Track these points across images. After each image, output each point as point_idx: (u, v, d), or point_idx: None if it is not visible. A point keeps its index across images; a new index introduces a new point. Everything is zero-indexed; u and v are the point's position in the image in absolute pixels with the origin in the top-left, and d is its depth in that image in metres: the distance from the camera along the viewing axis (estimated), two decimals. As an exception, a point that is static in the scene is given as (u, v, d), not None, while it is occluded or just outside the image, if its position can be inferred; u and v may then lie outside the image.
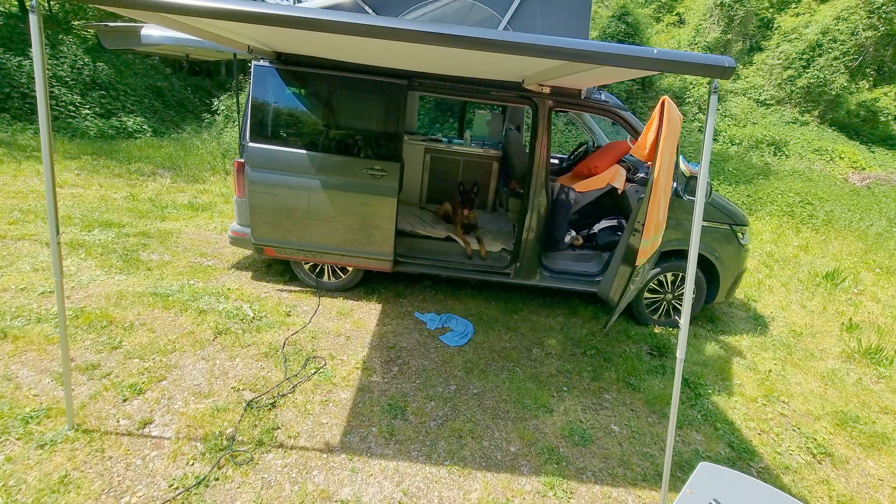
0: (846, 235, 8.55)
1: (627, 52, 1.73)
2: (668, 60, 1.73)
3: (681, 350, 2.10)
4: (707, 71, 1.73)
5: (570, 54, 1.71)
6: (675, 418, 2.23)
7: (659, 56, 1.72)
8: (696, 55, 1.73)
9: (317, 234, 3.91)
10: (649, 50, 1.72)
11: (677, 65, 1.74)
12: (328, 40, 2.77)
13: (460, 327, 3.89)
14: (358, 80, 3.67)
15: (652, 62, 1.73)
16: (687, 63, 1.73)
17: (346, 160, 3.77)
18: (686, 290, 2.06)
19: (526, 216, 4.01)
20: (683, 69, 1.75)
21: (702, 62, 1.72)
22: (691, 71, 1.76)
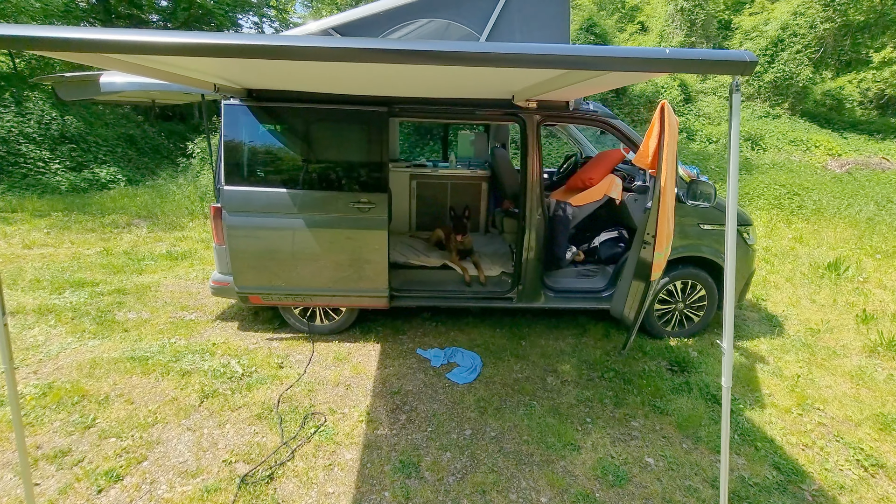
0: (837, 223, 8.53)
1: (637, 54, 1.55)
2: (683, 60, 1.55)
3: (726, 377, 1.87)
4: (726, 68, 1.56)
5: (575, 62, 1.52)
6: (728, 457, 1.98)
7: (672, 56, 1.54)
8: (712, 52, 1.56)
9: (305, 276, 3.65)
10: (660, 51, 1.54)
11: (693, 63, 1.57)
12: (299, 72, 2.58)
13: (467, 361, 3.63)
14: (335, 112, 3.48)
15: (665, 63, 1.56)
16: (704, 61, 1.56)
17: (330, 195, 3.55)
18: (726, 314, 1.84)
19: (524, 236, 3.81)
20: (700, 68, 1.58)
21: (720, 58, 1.55)
22: (708, 69, 1.59)
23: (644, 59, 1.55)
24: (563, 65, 1.55)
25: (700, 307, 4.13)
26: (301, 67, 2.50)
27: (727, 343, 1.82)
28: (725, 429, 1.95)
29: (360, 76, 2.77)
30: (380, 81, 2.93)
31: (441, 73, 2.53)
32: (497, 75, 2.38)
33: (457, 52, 1.50)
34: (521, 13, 3.32)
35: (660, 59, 1.55)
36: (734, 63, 1.55)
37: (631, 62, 1.55)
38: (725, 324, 1.83)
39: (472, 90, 3.14)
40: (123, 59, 2.04)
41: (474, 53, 1.50)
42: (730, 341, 1.82)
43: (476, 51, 1.50)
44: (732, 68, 1.56)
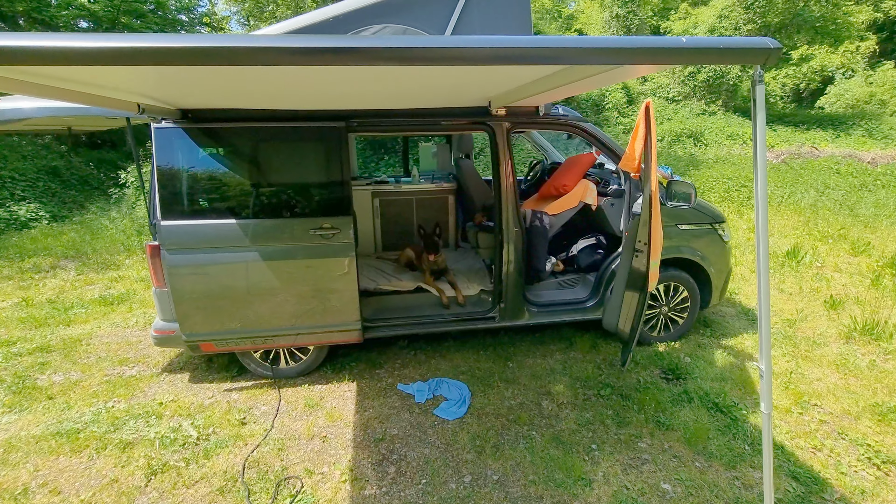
0: (784, 211, 8.94)
1: (654, 44, 1.33)
2: (702, 49, 1.35)
3: (765, 403, 1.68)
4: (749, 56, 1.38)
5: (585, 55, 1.28)
6: (772, 488, 1.78)
7: (690, 45, 1.33)
8: (733, 39, 1.37)
9: (264, 315, 3.23)
10: (676, 39, 1.33)
11: (712, 53, 1.37)
12: (242, 87, 2.22)
13: (454, 393, 3.31)
14: (287, 130, 3.12)
15: (683, 53, 1.35)
16: (724, 49, 1.36)
17: (287, 223, 3.16)
18: (762, 333, 1.64)
19: (503, 251, 3.57)
20: (719, 58, 1.38)
21: (743, 46, 1.37)
22: (729, 58, 1.40)
23: (661, 48, 1.33)
24: (570, 59, 1.31)
25: (683, 309, 4.04)
26: (244, 82, 2.15)
27: (765, 365, 1.62)
28: (768, 458, 1.75)
29: (313, 88, 2.44)
30: (336, 93, 2.61)
31: (409, 81, 2.25)
32: (474, 80, 2.13)
33: (449, 48, 1.22)
34: (482, 15, 3.11)
35: (678, 48, 1.34)
36: (757, 51, 1.37)
37: (647, 53, 1.33)
38: (762, 343, 1.63)
39: (444, 98, 2.88)
40: (21, 77, 1.62)
41: (467, 50, 1.23)
42: (768, 363, 1.62)
43: (469, 46, 1.22)
44: (755, 56, 1.38)
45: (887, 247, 6.70)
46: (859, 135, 15.48)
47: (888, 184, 10.03)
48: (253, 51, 1.19)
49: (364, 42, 1.28)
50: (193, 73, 1.89)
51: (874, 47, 19.03)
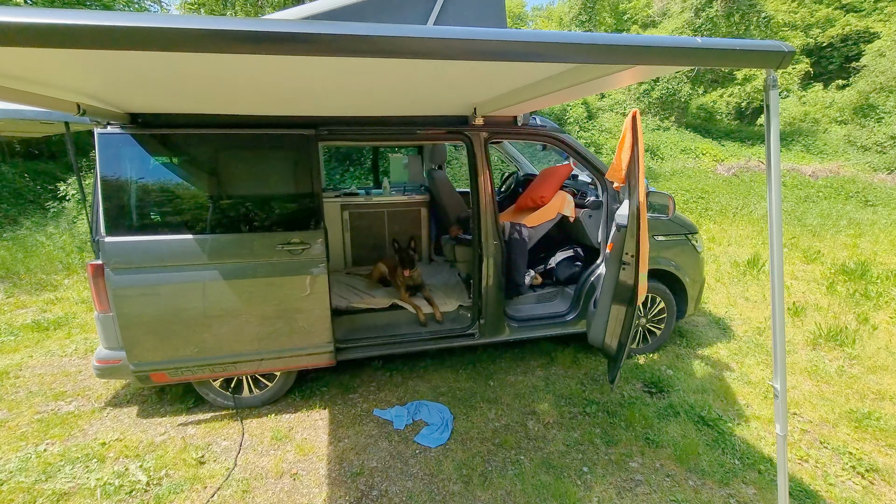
0: (738, 221, 9.34)
1: (669, 43, 1.24)
2: (717, 50, 1.27)
3: (780, 424, 1.59)
4: (763, 59, 1.31)
5: (598, 52, 1.17)
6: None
7: (705, 45, 1.25)
8: (747, 41, 1.30)
9: (224, 340, 2.93)
10: (692, 40, 1.24)
11: (727, 55, 1.29)
12: (201, 89, 2.00)
13: (435, 417, 3.12)
14: (252, 137, 2.88)
15: (698, 54, 1.26)
16: (739, 51, 1.29)
17: (251, 238, 2.90)
18: (777, 351, 1.56)
19: (482, 264, 3.44)
20: (733, 60, 1.31)
21: (757, 49, 1.29)
22: (743, 61, 1.32)
23: (676, 48, 1.24)
24: (577, 57, 1.19)
25: (661, 320, 4.03)
26: (202, 84, 1.92)
27: (780, 385, 1.54)
28: (783, 482, 1.66)
29: (279, 92, 2.24)
30: (305, 99, 2.42)
31: (386, 86, 2.09)
32: (460, 84, 1.99)
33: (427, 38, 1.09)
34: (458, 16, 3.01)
35: (693, 48, 1.25)
36: (770, 54, 1.30)
37: (661, 53, 1.23)
38: (777, 363, 1.55)
39: (423, 105, 2.73)
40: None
41: (450, 42, 1.10)
42: (783, 383, 1.53)
43: (453, 38, 1.09)
44: (768, 60, 1.31)
45: (835, 254, 7.08)
46: (798, 150, 16.58)
47: (829, 196, 10.72)
48: (177, 33, 1.01)
49: (319, 28, 1.12)
50: (141, 71, 1.66)
51: (808, 69, 20.58)
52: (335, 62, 1.55)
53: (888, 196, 10.76)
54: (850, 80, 20.15)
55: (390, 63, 1.63)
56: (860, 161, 14.95)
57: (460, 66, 1.70)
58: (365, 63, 1.61)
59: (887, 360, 3.87)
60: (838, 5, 23.52)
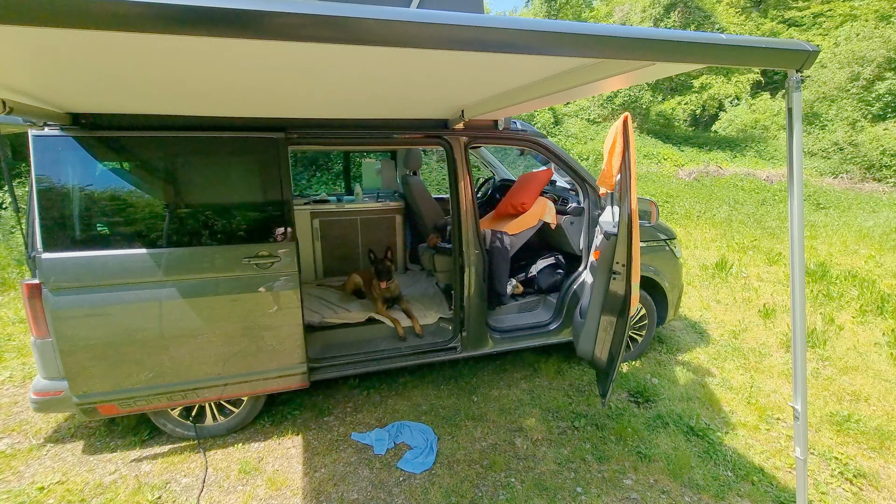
0: (703, 225, 9.61)
1: (694, 39, 1.13)
2: (741, 48, 1.18)
3: (801, 448, 1.50)
4: (787, 59, 1.22)
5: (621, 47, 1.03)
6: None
7: (730, 42, 1.14)
8: (771, 40, 1.20)
9: (183, 364, 2.65)
10: (716, 36, 1.13)
11: (751, 53, 1.19)
12: (147, 86, 1.76)
13: (419, 439, 2.92)
14: (214, 141, 2.62)
15: (722, 52, 1.15)
16: (764, 50, 1.19)
17: (214, 251, 2.64)
18: (797, 369, 1.47)
19: (464, 275, 3.28)
20: (757, 59, 1.21)
21: (782, 47, 1.20)
22: (767, 60, 1.23)
23: (701, 44, 1.13)
24: (600, 51, 1.06)
25: (642, 327, 3.99)
26: (154, 81, 1.69)
27: (801, 405, 1.44)
28: None
29: (243, 91, 2.02)
30: (272, 99, 2.21)
31: (369, 85, 1.91)
32: (449, 84, 1.84)
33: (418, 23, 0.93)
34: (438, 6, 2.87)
35: (718, 45, 1.14)
36: (794, 53, 1.21)
37: (684, 49, 1.11)
38: (797, 383, 1.46)
39: (405, 107, 2.56)
40: None
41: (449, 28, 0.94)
42: (804, 404, 1.44)
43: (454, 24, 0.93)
44: (793, 59, 1.22)
45: (795, 256, 7.35)
46: (752, 155, 17.39)
47: (784, 199, 11.21)
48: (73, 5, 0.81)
49: (271, 5, 0.94)
50: (80, 63, 1.42)
51: (758, 79, 21.68)
52: (306, 54, 1.36)
53: (837, 199, 11.39)
54: (795, 90, 21.36)
55: (370, 60, 1.45)
56: (808, 166, 15.82)
57: (452, 63, 1.54)
58: (340, 58, 1.43)
59: (857, 361, 3.97)
60: (781, 20, 24.96)
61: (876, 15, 18.07)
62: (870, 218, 9.74)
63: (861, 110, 15.98)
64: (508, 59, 1.41)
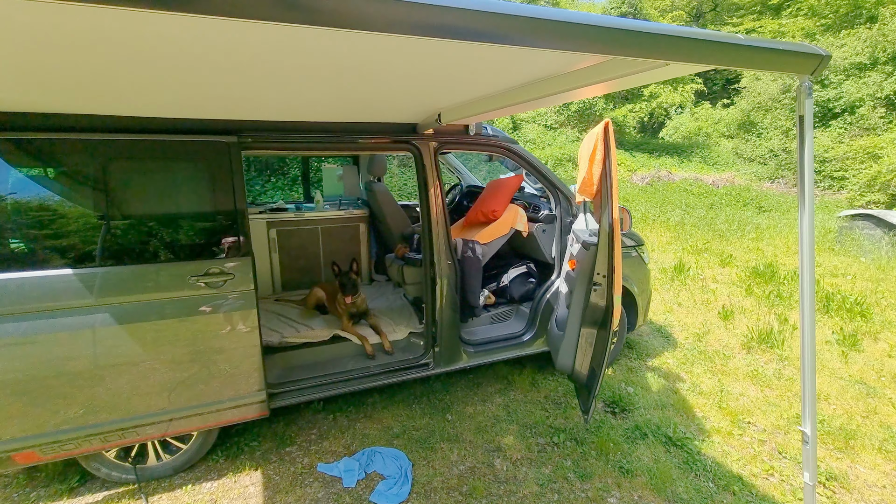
0: (657, 228, 9.93)
1: (711, 38, 1.02)
2: (759, 49, 1.09)
3: (810, 473, 1.42)
4: (800, 63, 1.14)
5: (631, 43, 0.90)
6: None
7: (747, 43, 1.05)
8: (782, 43, 1.11)
9: (120, 399, 2.32)
10: (734, 36, 1.03)
11: (767, 56, 1.10)
12: (74, 80, 1.49)
13: (391, 467, 2.71)
14: (154, 145, 2.32)
15: (737, 52, 1.06)
16: (780, 53, 1.11)
17: (155, 270, 2.33)
18: (806, 387, 1.40)
19: (435, 286, 3.11)
20: (771, 63, 1.12)
21: (795, 50, 1.13)
22: (781, 63, 1.14)
23: (721, 44, 1.02)
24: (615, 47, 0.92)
25: (613, 334, 3.95)
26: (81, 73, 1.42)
27: (811, 429, 1.37)
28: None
29: (187, 88, 1.77)
30: (223, 98, 1.97)
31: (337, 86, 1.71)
32: (426, 86, 1.67)
33: None
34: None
35: (737, 46, 1.04)
36: (809, 57, 1.13)
37: (704, 49, 1.00)
38: (806, 405, 1.39)
39: (372, 110, 2.36)
40: None
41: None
42: (813, 427, 1.37)
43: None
44: (806, 64, 1.14)
45: (745, 257, 7.71)
46: (698, 161, 18.32)
47: (730, 202, 11.83)
48: None
49: None
50: None
51: (701, 88, 22.91)
52: (259, 42, 1.16)
53: (777, 203, 12.14)
54: (732, 100, 22.76)
55: (337, 54, 1.27)
56: (748, 171, 16.84)
57: (432, 59, 1.38)
58: (301, 51, 1.23)
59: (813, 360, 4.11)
60: (720, 34, 26.51)
61: (802, 32, 19.55)
62: (806, 220, 10.42)
63: (793, 119, 17.18)
64: (498, 55, 1.26)
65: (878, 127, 14.13)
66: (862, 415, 3.32)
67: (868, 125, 14.50)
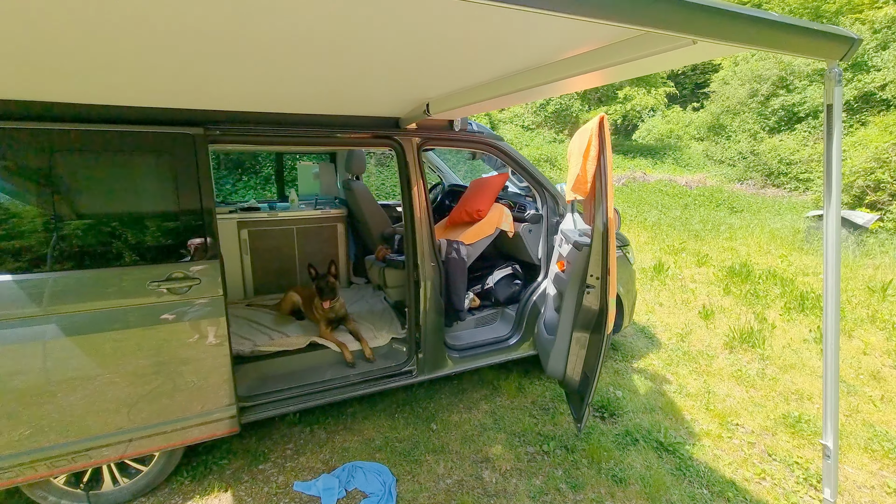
0: (634, 228, 10.02)
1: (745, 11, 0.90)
2: (793, 28, 0.98)
3: (831, 490, 1.33)
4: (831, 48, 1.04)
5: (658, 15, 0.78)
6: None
7: (781, 20, 0.94)
8: (809, 23, 1.01)
9: (71, 420, 2.08)
10: (767, 13, 0.93)
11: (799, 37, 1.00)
12: (19, 63, 1.29)
13: (374, 483, 2.54)
14: (109, 137, 2.10)
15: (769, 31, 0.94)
16: (812, 34, 1.01)
17: (111, 275, 2.10)
18: (828, 400, 1.31)
19: (419, 289, 2.96)
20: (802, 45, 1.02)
21: (826, 31, 1.02)
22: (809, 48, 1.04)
23: (753, 19, 0.91)
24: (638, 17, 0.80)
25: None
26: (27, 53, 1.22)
27: (832, 442, 1.28)
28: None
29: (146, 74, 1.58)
30: (188, 86, 1.77)
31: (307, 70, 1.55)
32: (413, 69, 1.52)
33: None
34: None
35: (769, 22, 0.93)
36: (841, 40, 1.03)
37: (737, 23, 0.89)
38: (827, 418, 1.29)
39: (358, 100, 2.19)
40: None
41: None
42: (835, 441, 1.28)
43: None
44: (836, 48, 1.05)
45: (721, 256, 7.82)
46: (670, 162, 18.69)
47: (703, 203, 12.07)
48: None
49: None
50: None
51: (673, 91, 23.43)
52: (225, 19, 0.99)
53: (748, 203, 12.46)
54: (702, 104, 23.37)
55: (320, 37, 1.11)
56: (718, 173, 17.27)
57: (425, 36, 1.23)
58: (274, 32, 1.07)
59: (794, 359, 4.15)
60: (690, 39, 27.21)
61: (768, 38, 20.20)
62: (776, 220, 10.71)
63: (760, 123, 17.74)
64: (491, 37, 1.12)
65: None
66: (845, 413, 3.34)
67: (830, 129, 15.04)
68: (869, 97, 15.09)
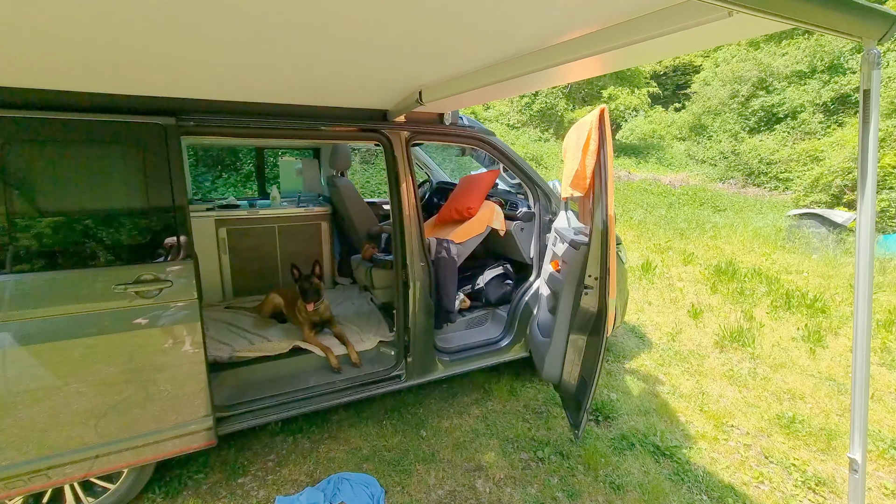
0: (621, 227, 10.03)
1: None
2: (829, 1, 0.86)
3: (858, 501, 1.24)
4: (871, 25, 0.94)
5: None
6: None
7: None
8: None
9: (29, 434, 1.90)
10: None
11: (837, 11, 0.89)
12: None
13: (362, 496, 2.40)
14: (72, 126, 1.92)
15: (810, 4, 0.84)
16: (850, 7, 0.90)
17: (74, 277, 1.92)
18: (856, 410, 1.21)
19: (408, 290, 2.83)
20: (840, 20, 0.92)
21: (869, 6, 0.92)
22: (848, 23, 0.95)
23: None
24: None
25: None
26: None
27: (861, 456, 1.19)
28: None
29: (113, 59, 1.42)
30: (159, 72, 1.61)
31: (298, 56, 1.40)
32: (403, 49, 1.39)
33: None
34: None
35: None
36: (878, 18, 0.95)
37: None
38: (854, 431, 1.20)
39: (345, 89, 2.04)
40: None
41: None
42: (863, 455, 1.19)
43: None
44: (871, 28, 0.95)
45: (706, 255, 7.87)
46: (654, 162, 18.88)
47: (687, 202, 12.18)
48: None
49: None
50: None
51: (657, 91, 23.68)
52: None
53: (731, 202, 12.62)
54: (683, 104, 23.67)
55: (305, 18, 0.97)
56: (700, 172, 17.51)
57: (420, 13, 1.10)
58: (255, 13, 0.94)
59: (783, 358, 4.14)
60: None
61: (748, 40, 20.55)
62: (759, 219, 10.86)
63: (740, 123, 18.04)
64: (488, 20, 1.00)
65: (818, 131, 15.02)
66: (837, 413, 3.32)
67: (808, 129, 15.39)
68: (846, 98, 15.44)
